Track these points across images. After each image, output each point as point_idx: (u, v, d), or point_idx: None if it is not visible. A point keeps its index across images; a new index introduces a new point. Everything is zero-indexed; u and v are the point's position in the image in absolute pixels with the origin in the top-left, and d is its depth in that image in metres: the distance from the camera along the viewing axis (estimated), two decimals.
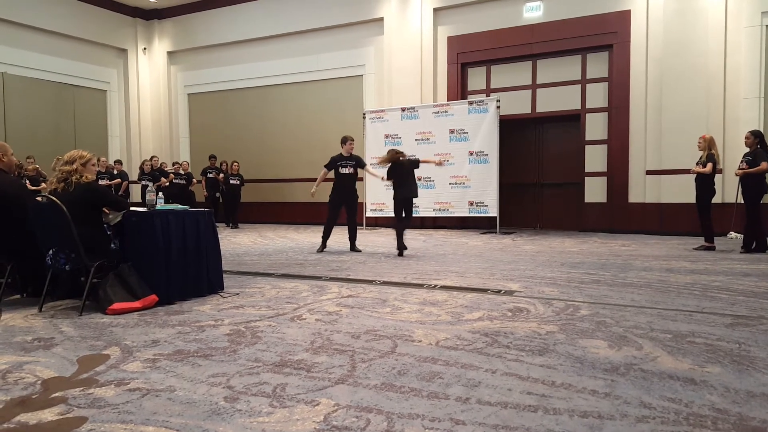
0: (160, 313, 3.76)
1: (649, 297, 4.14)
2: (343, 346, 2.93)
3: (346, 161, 7.39)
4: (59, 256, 3.79)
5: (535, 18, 10.44)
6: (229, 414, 2.05)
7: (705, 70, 9.13)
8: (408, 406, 2.11)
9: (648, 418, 1.98)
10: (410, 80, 11.42)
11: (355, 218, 7.48)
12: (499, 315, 3.61)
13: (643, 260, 6.22)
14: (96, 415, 2.06)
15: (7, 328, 3.42)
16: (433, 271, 5.53)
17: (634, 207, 9.85)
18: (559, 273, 5.34)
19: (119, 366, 2.63)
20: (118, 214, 4.12)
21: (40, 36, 12.51)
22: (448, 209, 10.46)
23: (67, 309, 3.92)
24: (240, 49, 13.60)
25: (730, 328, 3.22)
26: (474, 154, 10.20)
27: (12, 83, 12.01)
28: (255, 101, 13.62)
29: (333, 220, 7.40)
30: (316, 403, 2.15)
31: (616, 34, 9.83)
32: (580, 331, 3.19)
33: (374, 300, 4.14)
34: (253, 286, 4.77)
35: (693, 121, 9.12)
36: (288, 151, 13.15)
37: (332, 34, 12.44)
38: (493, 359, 2.67)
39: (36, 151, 10.88)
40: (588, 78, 10.27)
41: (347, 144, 7.46)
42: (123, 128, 14.57)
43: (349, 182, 7.36)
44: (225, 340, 3.07)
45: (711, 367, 2.53)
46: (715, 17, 9.06)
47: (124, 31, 14.35)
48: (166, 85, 14.77)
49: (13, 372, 2.57)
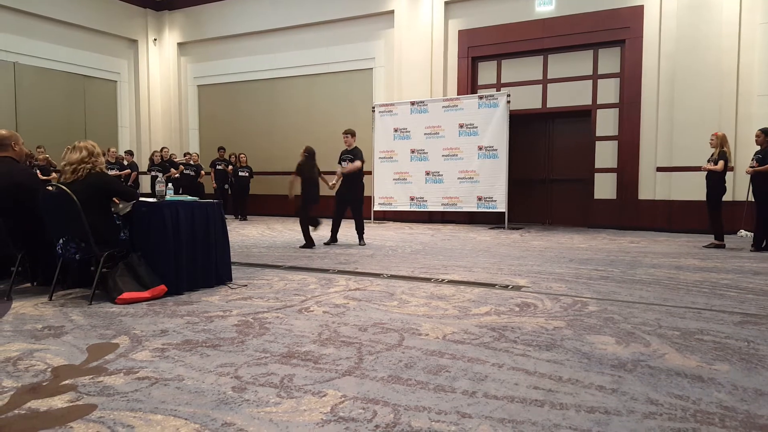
0: (168, 303, 3.79)
1: (657, 294, 4.12)
2: (351, 338, 2.94)
3: (345, 155, 7.41)
4: (70, 246, 3.82)
5: (547, 12, 10.35)
6: (237, 404, 2.07)
7: (718, 66, 9.02)
8: (415, 398, 2.12)
9: (655, 414, 1.98)
10: (420, 74, 11.37)
11: (358, 213, 7.46)
12: (507, 310, 3.60)
13: (652, 257, 6.18)
14: (105, 403, 2.08)
15: (18, 316, 3.46)
16: (440, 266, 5.53)
17: (644, 204, 9.78)
18: (568, 269, 5.32)
19: (128, 355, 2.66)
20: (127, 205, 4.15)
21: (51, 26, 12.57)
22: (456, 204, 10.44)
23: (77, 298, 3.96)
24: (250, 41, 13.60)
25: (739, 326, 3.20)
26: (483, 148, 10.16)
27: (23, 73, 12.08)
28: (264, 93, 13.62)
29: (336, 214, 7.44)
30: (323, 394, 2.16)
31: (628, 29, 9.72)
32: (588, 327, 3.18)
33: (382, 293, 4.14)
34: (261, 278, 4.79)
35: (705, 117, 9.02)
36: (297, 144, 12.94)
37: (342, 26, 12.41)
38: (500, 354, 2.67)
39: (46, 141, 10.96)
40: (599, 73, 10.17)
41: (344, 138, 7.50)
42: (133, 119, 14.63)
43: (349, 176, 7.33)
44: (233, 330, 3.09)
45: (719, 364, 2.52)
46: (729, 13, 8.93)
47: (135, 21, 14.39)
48: (176, 76, 14.81)
49: (24, 359, 2.60)
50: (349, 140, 7.44)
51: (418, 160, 10.74)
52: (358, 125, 12.14)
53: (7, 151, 4.22)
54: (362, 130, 11.84)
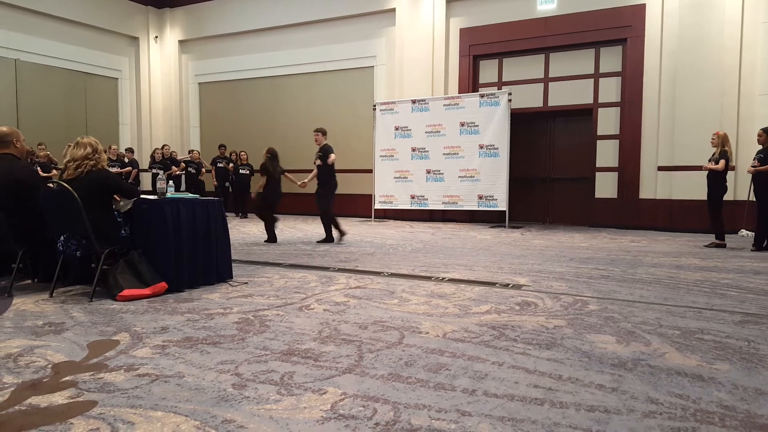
0: (169, 300, 3.80)
1: (658, 293, 4.11)
2: (351, 336, 2.94)
3: (317, 154, 7.55)
4: (71, 242, 3.83)
5: (548, 11, 10.34)
6: (237, 401, 2.07)
7: (720, 65, 9.00)
8: (415, 396, 2.12)
9: (655, 413, 1.98)
10: (421, 72, 11.36)
11: (322, 209, 7.50)
12: (507, 308, 3.60)
13: (652, 256, 6.18)
14: (106, 400, 2.08)
15: (19, 312, 3.46)
16: (441, 264, 5.53)
17: (645, 203, 9.77)
18: (568, 268, 5.32)
19: (129, 352, 2.66)
20: (128, 202, 4.15)
21: (53, 23, 12.56)
22: (457, 202, 10.43)
23: (78, 295, 3.97)
24: (251, 38, 13.59)
25: (740, 325, 3.20)
26: (484, 147, 10.15)
27: (24, 70, 12.09)
28: (265, 91, 13.62)
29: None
30: (324, 391, 2.16)
31: (630, 27, 9.71)
32: (588, 325, 3.18)
33: (382, 291, 4.15)
34: (261, 276, 4.79)
35: (706, 117, 9.01)
36: (297, 142, 13.12)
37: (344, 24, 12.39)
38: (500, 352, 2.67)
39: (47, 138, 10.97)
40: (601, 72, 10.16)
41: (315, 136, 7.68)
42: (134, 116, 14.64)
43: (322, 173, 7.47)
44: (233, 328, 3.10)
45: (719, 364, 2.52)
46: (731, 12, 8.91)
47: (136, 19, 14.38)
48: (177, 73, 14.80)
49: (25, 355, 2.61)
50: (319, 138, 7.61)
51: (419, 158, 10.73)
52: (358, 123, 12.21)
53: (8, 148, 4.22)
54: (363, 129, 11.89)
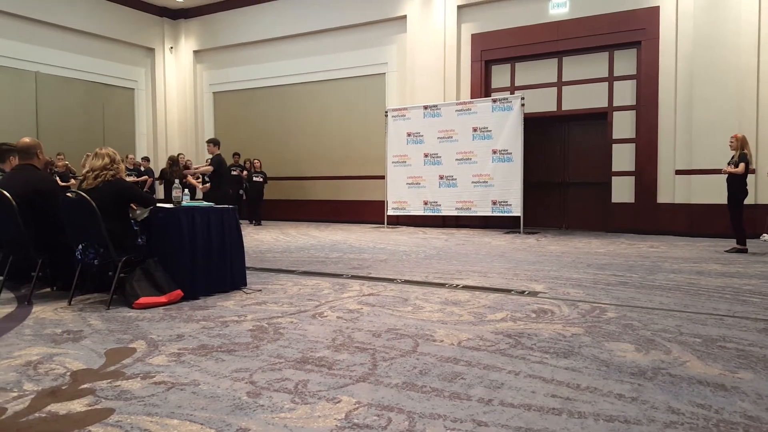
0: (184, 308, 3.82)
1: (678, 300, 4.04)
2: (365, 344, 2.93)
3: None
4: (89, 251, 3.87)
5: (561, 14, 10.29)
6: (252, 409, 2.07)
7: (737, 66, 8.87)
8: (430, 406, 2.10)
9: (676, 423, 1.93)
10: (433, 78, 11.36)
11: None
12: (523, 316, 3.56)
13: (672, 262, 6.08)
14: (123, 407, 2.10)
15: (38, 320, 3.51)
16: (455, 271, 5.50)
17: (663, 207, 9.64)
18: (585, 274, 5.25)
19: (145, 359, 2.68)
20: (145, 210, 4.20)
21: (71, 36, 12.81)
22: (470, 208, 10.38)
23: (95, 303, 4.01)
24: (264, 48, 13.72)
25: (763, 333, 3.12)
26: (498, 152, 10.10)
27: (44, 82, 12.33)
28: (279, 99, 13.73)
29: None
30: (338, 400, 2.15)
31: (644, 30, 9.62)
32: (607, 333, 3.13)
33: (395, 299, 4.13)
34: (275, 283, 4.80)
35: (724, 119, 8.87)
36: (310, 149, 13.23)
37: (355, 32, 12.46)
38: (517, 361, 2.64)
39: (66, 148, 11.16)
40: (615, 75, 10.07)
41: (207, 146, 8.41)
42: (150, 126, 14.83)
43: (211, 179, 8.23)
44: (248, 335, 3.10)
45: (743, 372, 2.46)
46: (747, 11, 8.78)
47: (152, 30, 14.60)
48: (192, 83, 14.99)
49: (44, 363, 2.64)
50: (210, 148, 8.40)
51: (431, 164, 10.71)
52: (371, 130, 12.24)
53: (32, 159, 4.34)
54: (375, 135, 11.92)
